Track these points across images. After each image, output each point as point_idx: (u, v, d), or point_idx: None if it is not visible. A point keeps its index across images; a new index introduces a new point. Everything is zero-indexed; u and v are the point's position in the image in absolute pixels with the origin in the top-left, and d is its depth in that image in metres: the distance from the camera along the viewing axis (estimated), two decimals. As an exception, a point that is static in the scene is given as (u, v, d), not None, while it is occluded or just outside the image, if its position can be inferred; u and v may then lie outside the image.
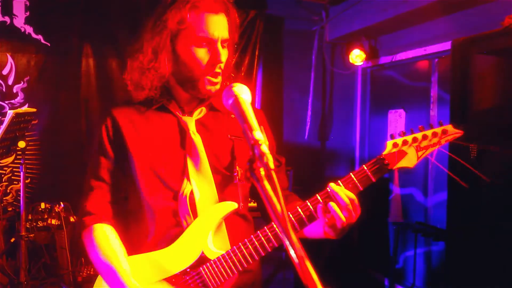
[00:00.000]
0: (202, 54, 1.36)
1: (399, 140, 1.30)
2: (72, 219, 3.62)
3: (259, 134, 0.94)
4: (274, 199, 0.87)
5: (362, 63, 4.28)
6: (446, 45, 3.23)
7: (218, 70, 1.38)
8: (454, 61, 2.53)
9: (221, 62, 1.36)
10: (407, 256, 3.98)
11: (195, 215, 1.35)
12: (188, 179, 1.37)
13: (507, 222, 2.25)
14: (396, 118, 4.15)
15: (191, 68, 1.37)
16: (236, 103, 1.05)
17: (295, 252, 0.80)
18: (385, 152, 1.30)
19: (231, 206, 1.35)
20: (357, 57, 4.20)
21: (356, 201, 1.27)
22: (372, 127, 4.61)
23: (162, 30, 1.36)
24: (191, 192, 1.36)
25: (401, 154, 1.29)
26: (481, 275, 2.40)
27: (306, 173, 4.11)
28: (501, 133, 2.20)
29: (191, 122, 1.43)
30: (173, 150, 1.40)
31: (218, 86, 1.40)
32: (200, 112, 1.46)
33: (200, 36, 1.34)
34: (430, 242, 3.65)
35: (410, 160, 1.30)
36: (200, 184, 1.37)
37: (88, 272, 3.40)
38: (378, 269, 4.14)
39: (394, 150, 1.30)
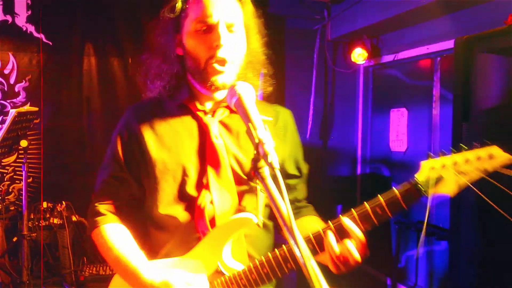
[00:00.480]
0: (201, 38, 1.26)
1: (436, 163, 1.12)
2: (74, 218, 3.63)
3: (263, 132, 0.94)
4: (279, 199, 0.87)
5: (364, 61, 4.27)
6: (449, 44, 3.22)
7: (222, 56, 1.25)
8: (457, 59, 2.52)
9: (220, 45, 1.24)
10: (409, 255, 3.97)
11: (213, 226, 1.26)
12: (208, 188, 1.28)
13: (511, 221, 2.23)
14: (398, 117, 4.14)
15: (194, 56, 1.28)
16: (240, 101, 1.04)
17: (300, 252, 0.79)
18: (419, 176, 1.13)
19: (248, 221, 1.24)
20: (359, 55, 4.19)
21: (363, 241, 1.16)
22: (374, 126, 4.60)
23: (165, 25, 1.32)
24: (211, 202, 1.27)
25: (438, 178, 1.12)
26: (483, 275, 2.39)
27: (308, 172, 4.10)
28: (505, 133, 2.19)
29: (213, 124, 1.32)
30: (193, 155, 1.31)
31: (228, 77, 1.28)
32: (223, 113, 1.35)
33: (199, 21, 1.26)
34: (433, 241, 3.65)
35: (448, 186, 1.12)
36: (220, 193, 1.27)
37: (90, 271, 3.40)
38: (380, 268, 4.14)
39: (431, 173, 1.12)
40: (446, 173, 1.11)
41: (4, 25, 3.83)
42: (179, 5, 1.29)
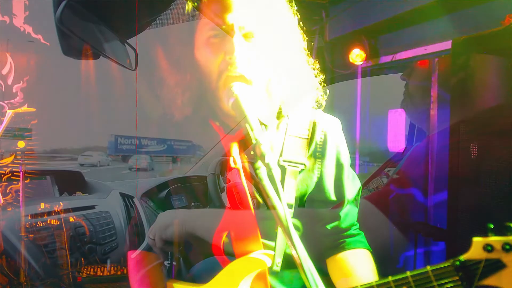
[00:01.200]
0: (211, 49, 1.04)
1: (496, 241, 0.80)
2: (72, 219, 3.61)
3: (259, 133, 0.93)
4: (275, 199, 0.86)
5: (362, 62, 4.27)
6: (447, 45, 3.23)
7: (234, 73, 1.02)
8: (455, 60, 2.53)
9: (234, 58, 1.01)
10: (407, 256, 3.97)
11: (236, 256, 1.14)
12: (225, 219, 1.15)
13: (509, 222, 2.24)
14: (397, 118, 4.15)
15: (204, 71, 1.09)
16: (237, 103, 1.03)
17: (297, 252, 0.79)
18: (464, 257, 0.81)
19: (263, 264, 1.10)
20: (357, 56, 4.20)
21: None
22: (372, 126, 4.60)
23: (181, 27, 1.14)
24: (226, 235, 1.14)
25: (494, 263, 0.78)
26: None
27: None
28: (502, 133, 2.20)
29: (234, 144, 1.12)
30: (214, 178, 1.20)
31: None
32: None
33: (209, 26, 1.04)
34: (431, 242, 3.65)
35: (508, 279, 0.75)
36: (236, 225, 1.13)
37: (88, 272, 3.39)
38: (378, 269, 4.13)
39: (485, 255, 0.80)
40: (508, 257, 0.78)
41: (1, 25, 3.82)
42: (189, 4, 1.08)
